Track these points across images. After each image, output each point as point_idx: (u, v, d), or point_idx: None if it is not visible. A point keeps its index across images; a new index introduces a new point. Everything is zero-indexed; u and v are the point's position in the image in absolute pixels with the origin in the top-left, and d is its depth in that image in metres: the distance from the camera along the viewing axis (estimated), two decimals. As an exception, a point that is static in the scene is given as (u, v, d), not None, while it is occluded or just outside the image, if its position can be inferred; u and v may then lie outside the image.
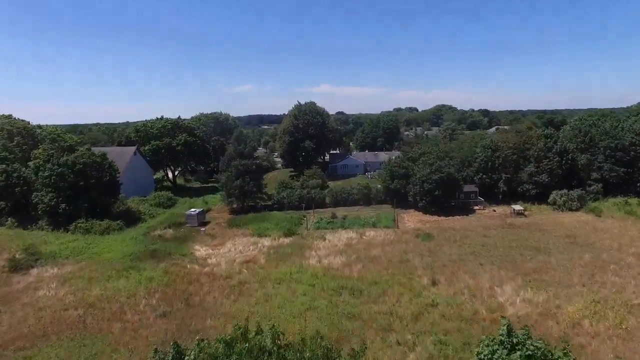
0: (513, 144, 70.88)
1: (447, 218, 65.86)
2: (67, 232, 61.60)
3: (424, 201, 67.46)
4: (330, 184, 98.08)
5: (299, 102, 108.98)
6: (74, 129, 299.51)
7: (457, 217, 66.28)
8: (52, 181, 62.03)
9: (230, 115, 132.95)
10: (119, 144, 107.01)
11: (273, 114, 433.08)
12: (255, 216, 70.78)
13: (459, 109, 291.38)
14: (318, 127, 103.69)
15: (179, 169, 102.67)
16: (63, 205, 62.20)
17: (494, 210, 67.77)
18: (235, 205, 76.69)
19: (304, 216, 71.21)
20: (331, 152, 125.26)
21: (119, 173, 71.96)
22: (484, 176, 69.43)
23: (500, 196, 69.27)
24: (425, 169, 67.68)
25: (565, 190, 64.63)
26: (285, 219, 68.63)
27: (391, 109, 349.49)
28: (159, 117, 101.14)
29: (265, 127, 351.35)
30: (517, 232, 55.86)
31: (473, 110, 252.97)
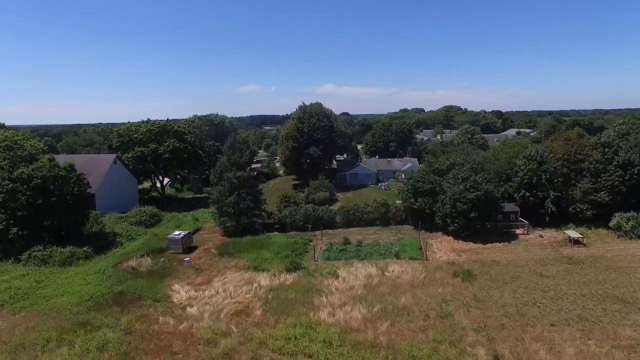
0: (562, 155, 58.91)
1: (485, 246, 53.98)
2: (18, 262, 50.04)
3: (455, 224, 55.57)
4: (339, 196, 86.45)
5: (304, 103, 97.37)
6: (72, 129, 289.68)
7: (497, 244, 54.39)
8: (1, 200, 50.42)
9: (228, 116, 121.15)
10: (110, 147, 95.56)
11: (276, 114, 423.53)
12: (252, 240, 59.04)
13: (468, 110, 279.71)
14: (325, 131, 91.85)
15: (168, 178, 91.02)
16: (15, 230, 50.66)
17: (541, 236, 55.82)
18: (229, 224, 64.97)
19: (311, 241, 59.41)
20: (337, 158, 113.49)
21: (89, 187, 60.37)
22: (527, 194, 57.47)
23: (546, 218, 57.33)
24: (457, 185, 55.77)
25: (632, 212, 52.64)
26: (288, 244, 56.90)
27: (397, 110, 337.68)
28: (146, 119, 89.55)
29: (268, 128, 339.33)
30: (584, 271, 43.84)
31: (485, 112, 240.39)
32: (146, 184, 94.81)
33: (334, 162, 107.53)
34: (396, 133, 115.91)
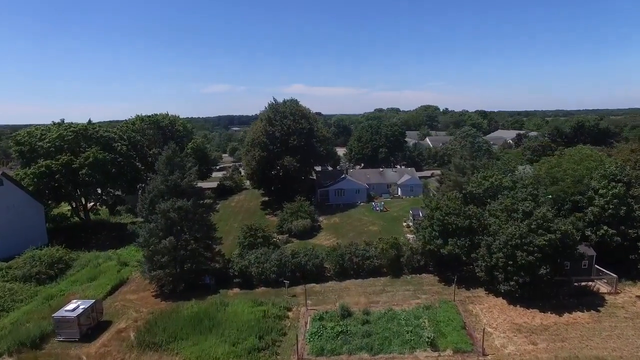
0: (654, 173, 40.67)
1: (561, 318, 34.76)
2: None
3: (512, 282, 36.07)
4: (322, 221, 65.80)
5: (275, 100, 76.07)
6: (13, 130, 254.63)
7: (579, 314, 35.38)
8: None
9: (183, 116, 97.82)
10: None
11: (245, 114, 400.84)
12: (197, 312, 37.65)
13: (442, 109, 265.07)
14: (303, 135, 70.93)
15: (91, 199, 67.62)
16: None
17: None
18: (163, 280, 43.10)
19: (289, 309, 38.53)
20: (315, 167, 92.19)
21: None
22: (611, 231, 38.74)
23: None
24: (514, 223, 36.33)
25: None
26: (254, 320, 35.86)
27: (372, 110, 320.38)
28: (59, 121, 65.63)
29: (236, 128, 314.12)
30: None
31: (467, 111, 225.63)
32: (63, 208, 71.01)
33: (313, 173, 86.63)
34: (386, 137, 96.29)
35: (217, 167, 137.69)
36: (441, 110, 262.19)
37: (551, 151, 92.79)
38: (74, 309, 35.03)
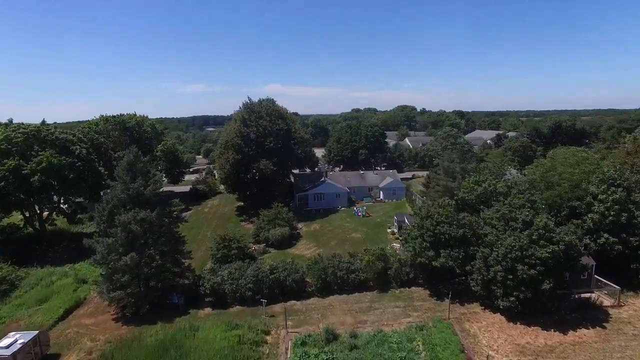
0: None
1: (566, 337, 31.88)
2: None
3: (512, 298, 33.01)
4: (302, 228, 61.80)
5: (250, 100, 71.41)
6: None
7: (584, 331, 32.59)
8: None
9: (149, 116, 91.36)
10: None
11: (220, 114, 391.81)
12: (163, 340, 32.99)
13: (418, 109, 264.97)
14: (280, 137, 66.65)
15: (47, 207, 61.32)
16: None
17: (645, 311, 34.67)
18: (125, 301, 38.12)
19: (267, 333, 34.34)
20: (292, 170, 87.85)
21: None
22: (612, 239, 36.27)
23: (641, 277, 36.52)
24: (513, 233, 33.26)
25: None
26: (228, 347, 31.45)
27: (349, 110, 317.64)
28: (7, 121, 59.31)
29: (211, 129, 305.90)
30: None
31: (444, 112, 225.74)
32: (15, 218, 64.43)
33: (291, 177, 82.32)
34: (366, 137, 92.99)
35: (191, 170, 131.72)
36: (418, 110, 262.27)
37: (532, 152, 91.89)
38: (9, 346, 29.71)
